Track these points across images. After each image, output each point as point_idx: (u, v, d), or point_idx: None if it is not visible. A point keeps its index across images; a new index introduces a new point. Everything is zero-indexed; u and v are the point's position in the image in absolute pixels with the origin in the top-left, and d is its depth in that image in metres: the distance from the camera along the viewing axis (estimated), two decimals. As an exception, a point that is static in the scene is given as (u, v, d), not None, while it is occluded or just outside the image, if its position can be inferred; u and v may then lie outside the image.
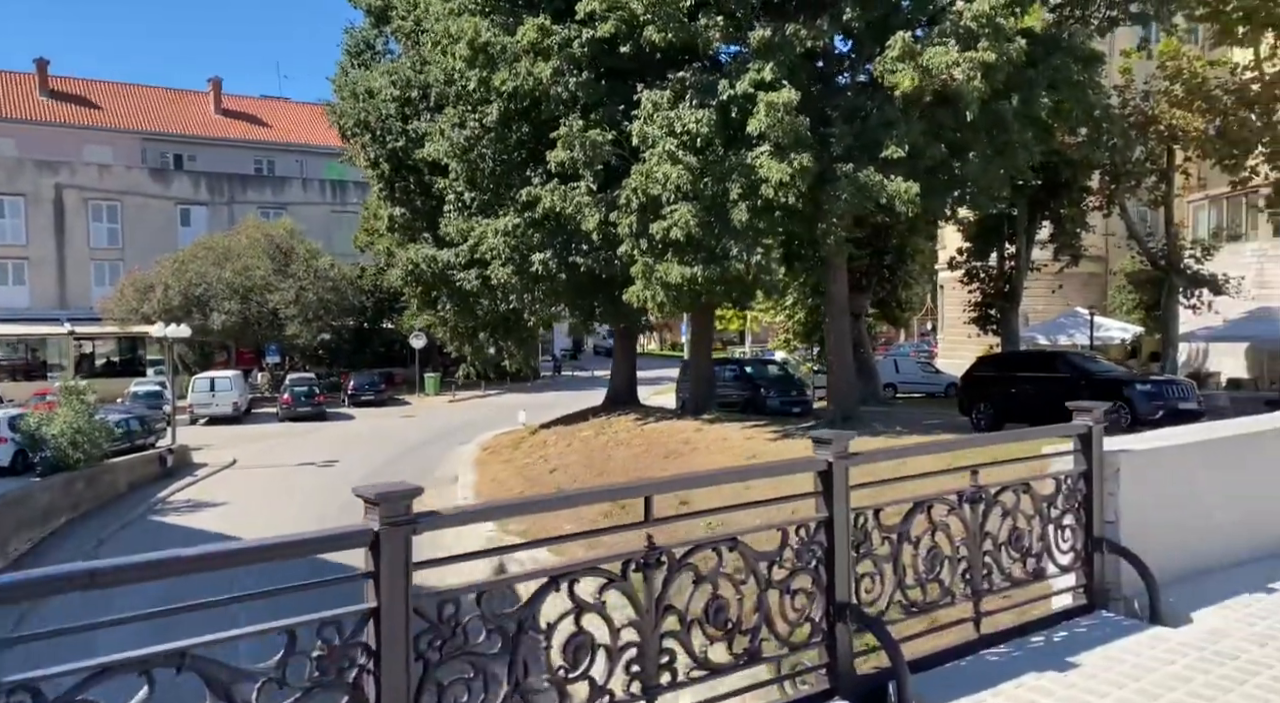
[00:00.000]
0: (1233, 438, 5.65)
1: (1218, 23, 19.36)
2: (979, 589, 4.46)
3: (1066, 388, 18.60)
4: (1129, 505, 4.99)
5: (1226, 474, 5.56)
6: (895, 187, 15.29)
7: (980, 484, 4.49)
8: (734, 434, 18.65)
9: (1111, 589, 4.95)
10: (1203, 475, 5.43)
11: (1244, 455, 5.69)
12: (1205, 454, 5.44)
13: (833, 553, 3.90)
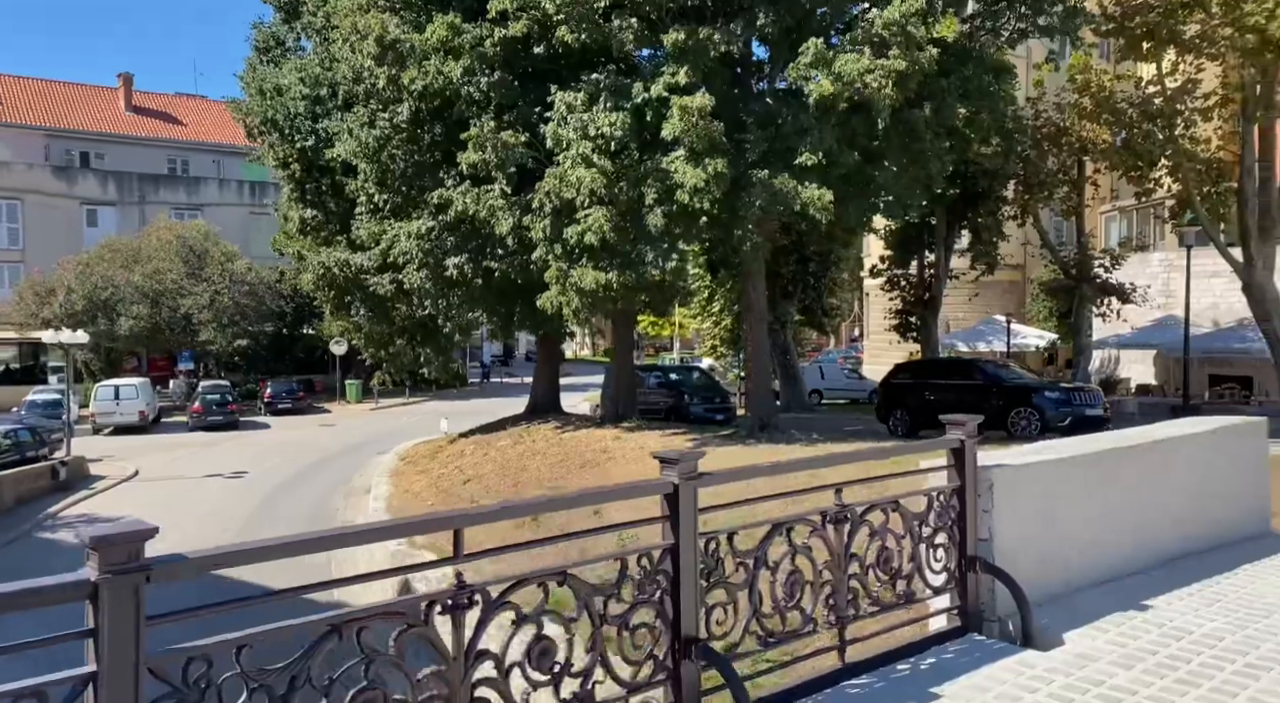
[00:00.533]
0: (1109, 451, 5.53)
1: (1123, 38, 19.86)
2: (844, 616, 4.21)
3: (980, 395, 18.85)
4: (1003, 522, 4.81)
5: (1103, 488, 5.44)
6: (809, 193, 15.22)
7: (845, 503, 4.24)
8: (652, 443, 18.35)
9: (986, 610, 4.75)
10: (1079, 490, 5.29)
11: (1120, 468, 5.58)
12: (1081, 468, 5.31)
13: (678, 583, 3.59)
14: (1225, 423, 6.57)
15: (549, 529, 4.80)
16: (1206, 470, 6.26)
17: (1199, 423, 6.65)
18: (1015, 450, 5.45)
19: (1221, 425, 6.45)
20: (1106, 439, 5.85)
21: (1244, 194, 20.65)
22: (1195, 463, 6.18)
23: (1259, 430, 6.77)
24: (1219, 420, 6.72)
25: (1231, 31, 17.46)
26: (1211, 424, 6.51)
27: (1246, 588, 5.35)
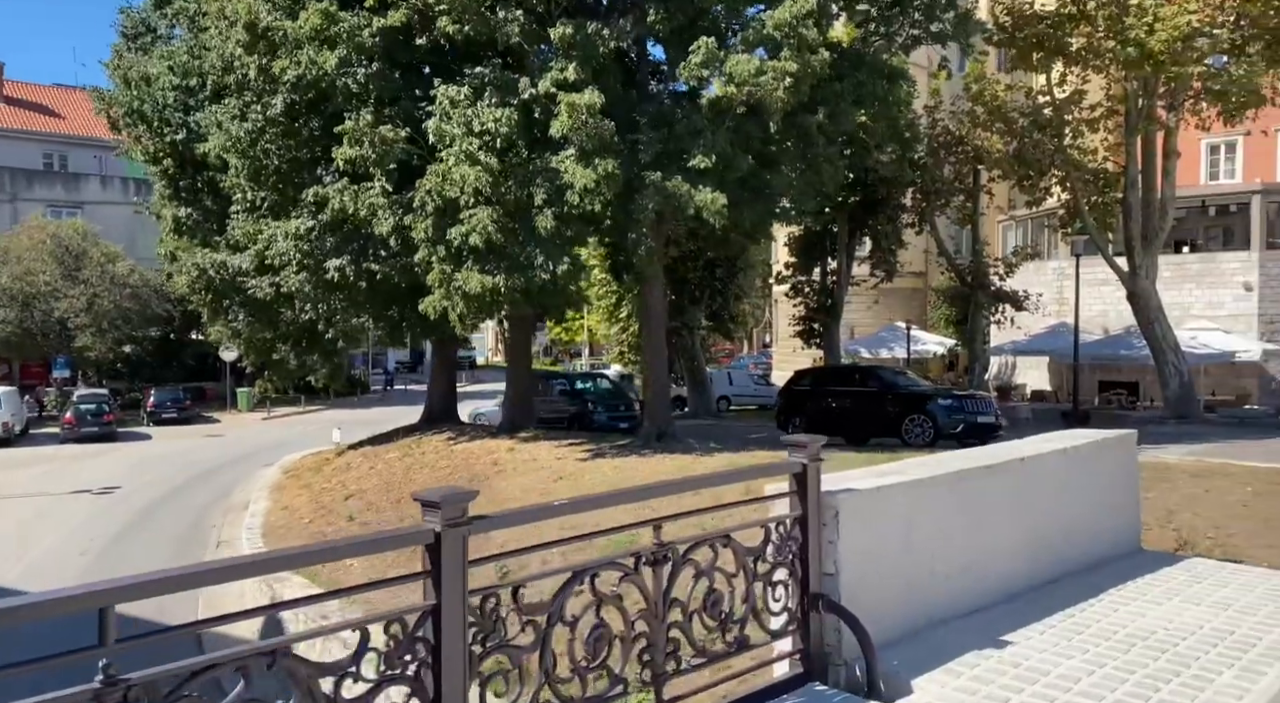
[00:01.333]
0: (971, 470, 5.13)
1: (1014, 48, 20.21)
2: (661, 673, 3.62)
3: (875, 403, 18.83)
4: (852, 554, 4.31)
5: (965, 510, 5.03)
6: (702, 197, 14.79)
7: (664, 542, 3.66)
8: (545, 454, 17.67)
9: (832, 654, 4.25)
10: (939, 513, 4.86)
11: (984, 489, 5.19)
12: (941, 490, 4.88)
13: (440, 653, 2.94)
14: (1094, 437, 6.28)
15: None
16: (1076, 487, 5.95)
17: (1068, 437, 6.35)
18: (867, 472, 4.98)
19: (1090, 440, 6.16)
20: (969, 457, 5.46)
21: (1128, 204, 21.22)
22: (1064, 480, 5.86)
23: (1128, 444, 6.52)
24: (1087, 434, 6.44)
25: (1114, 44, 17.85)
26: (1079, 439, 6.21)
27: (1109, 617, 5.00)
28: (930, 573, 4.82)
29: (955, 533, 4.98)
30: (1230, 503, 8.89)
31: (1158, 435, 18.69)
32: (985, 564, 5.18)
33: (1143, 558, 6.30)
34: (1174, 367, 21.29)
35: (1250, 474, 10.87)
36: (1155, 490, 9.79)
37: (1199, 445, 16.05)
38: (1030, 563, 5.54)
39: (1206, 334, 26.22)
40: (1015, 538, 5.44)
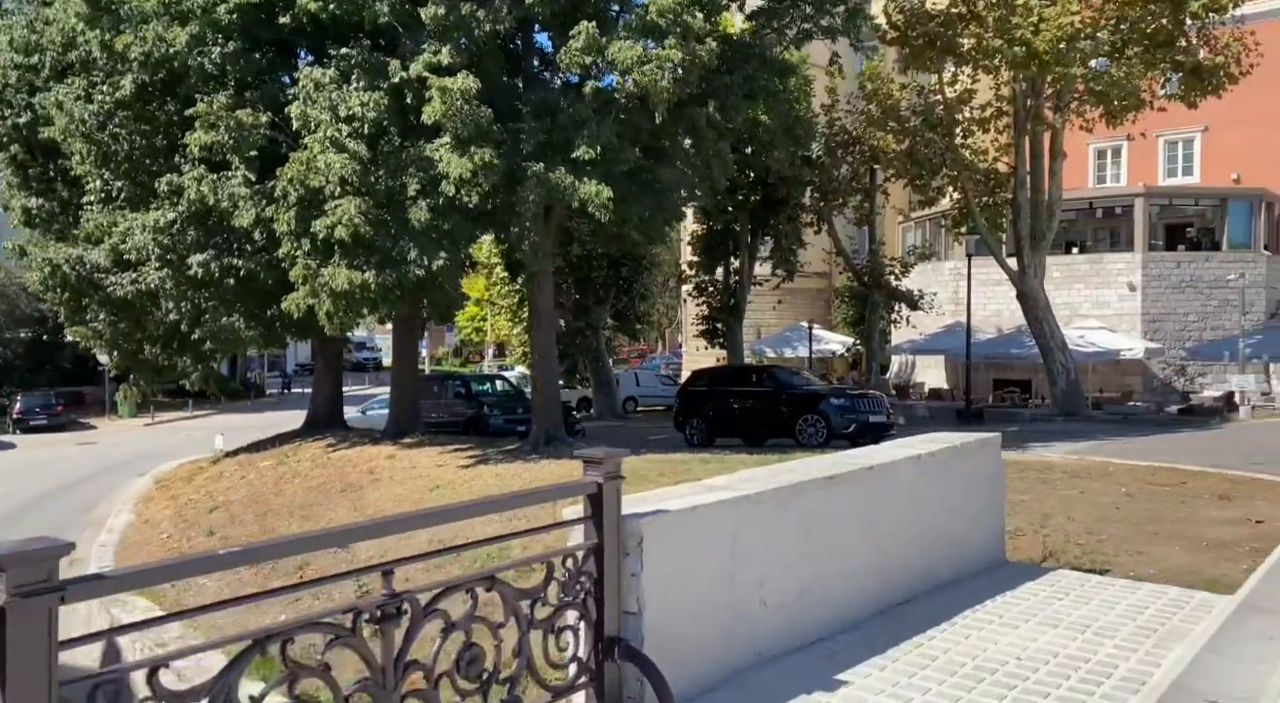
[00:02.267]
0: (812, 482, 4.57)
1: (906, 47, 20.19)
2: (390, 757, 2.90)
3: (771, 403, 18.48)
4: (658, 588, 3.68)
5: (805, 527, 4.47)
6: (587, 189, 14.11)
7: (396, 592, 2.93)
8: (426, 462, 16.72)
9: (634, 709, 3.60)
10: (774, 532, 4.28)
11: (828, 502, 4.64)
12: (774, 506, 4.29)
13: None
14: (955, 441, 5.83)
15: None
16: (932, 497, 5.48)
17: (929, 441, 5.89)
18: (689, 488, 4.36)
19: (948, 446, 5.70)
20: (808, 468, 4.91)
21: (1018, 204, 21.45)
22: (920, 489, 5.38)
23: (991, 448, 6.10)
24: (949, 438, 6.00)
25: (1001, 44, 17.93)
26: (939, 443, 5.75)
27: (960, 645, 4.51)
28: (759, 603, 4.23)
29: (790, 555, 4.41)
30: (1104, 505, 8.68)
31: (1046, 433, 18.93)
32: (826, 589, 4.63)
33: (1006, 572, 5.88)
34: (1061, 365, 21.64)
35: (1127, 474, 10.79)
36: (1033, 493, 9.56)
37: (1083, 443, 16.20)
38: (880, 584, 5.03)
39: (1094, 333, 26.90)
40: (862, 557, 4.91)
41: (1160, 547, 7.07)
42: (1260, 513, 8.12)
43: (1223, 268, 27.41)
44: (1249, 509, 8.30)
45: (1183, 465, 11.74)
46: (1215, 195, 30.29)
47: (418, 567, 4.01)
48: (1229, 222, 29.41)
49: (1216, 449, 13.93)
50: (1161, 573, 6.32)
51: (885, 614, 4.95)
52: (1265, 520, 7.79)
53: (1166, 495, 9.07)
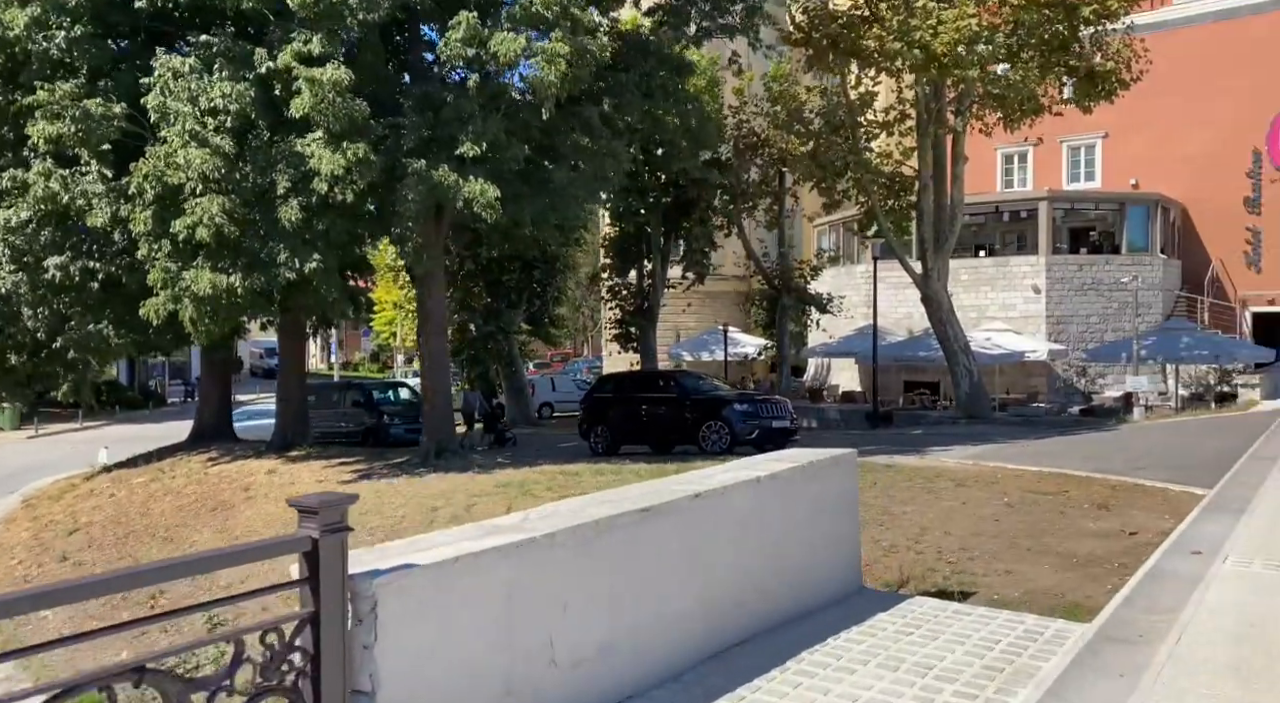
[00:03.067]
0: (616, 518, 4.00)
1: (810, 49, 20.01)
2: None
3: (675, 409, 18.01)
4: (402, 659, 3.07)
5: (605, 573, 3.91)
6: (472, 188, 13.42)
7: None
8: (308, 477, 15.77)
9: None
10: (559, 583, 3.70)
11: (635, 540, 4.08)
12: (562, 551, 3.71)
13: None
14: (802, 460, 5.36)
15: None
16: (776, 523, 5.00)
17: (774, 460, 5.40)
18: (459, 533, 3.74)
19: (796, 465, 5.22)
20: (621, 499, 4.36)
21: (922, 208, 21.47)
22: (760, 516, 4.89)
23: (844, 466, 5.65)
24: (798, 456, 5.52)
25: (901, 45, 17.83)
26: (785, 462, 5.27)
27: (790, 695, 4.02)
28: (549, 663, 3.65)
29: (592, 604, 3.85)
30: (984, 517, 8.39)
31: (948, 436, 18.94)
32: (640, 638, 4.08)
33: (859, 602, 5.43)
34: (965, 367, 21.76)
35: (1014, 481, 10.61)
36: (916, 504, 9.25)
37: (981, 447, 16.16)
38: (709, 628, 4.51)
39: (1000, 335, 27.26)
40: (687, 598, 4.38)
41: (1030, 564, 6.75)
42: (1135, 523, 7.92)
43: (1122, 271, 28.10)
44: (1125, 519, 8.10)
45: (1071, 471, 11.65)
46: (1114, 200, 31.11)
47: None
48: (1127, 226, 30.23)
49: (1106, 453, 13.97)
50: (1025, 596, 5.98)
51: (715, 660, 4.43)
52: (1138, 532, 7.58)
53: (1047, 505, 8.84)
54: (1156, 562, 6.37)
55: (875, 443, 18.93)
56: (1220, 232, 31.73)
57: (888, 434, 21.49)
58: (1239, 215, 31.53)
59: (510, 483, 13.23)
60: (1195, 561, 6.39)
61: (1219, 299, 31.29)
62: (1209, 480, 9.97)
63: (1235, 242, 31.66)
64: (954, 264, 29.83)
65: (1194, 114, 31.54)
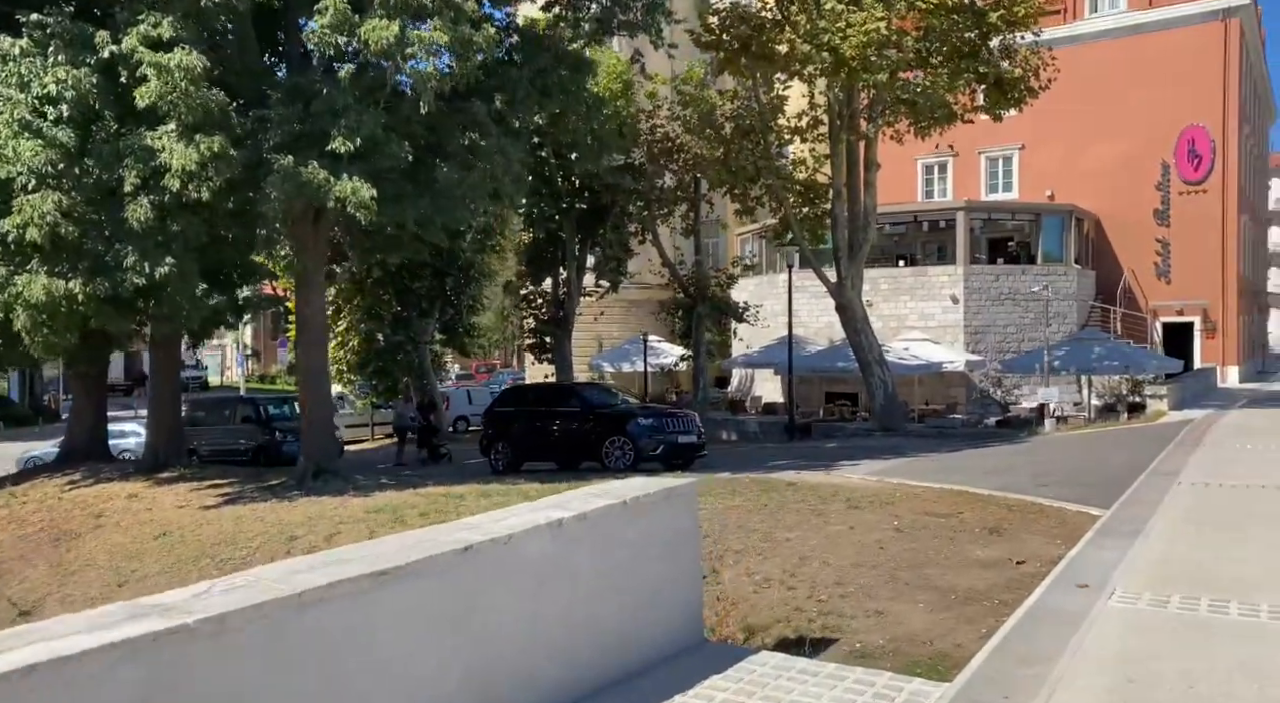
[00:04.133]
0: (300, 597, 3.06)
1: (720, 52, 19.45)
2: None
3: (579, 423, 17.16)
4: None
5: (299, 671, 3.01)
6: (344, 187, 12.36)
7: None
8: (170, 501, 14.43)
9: None
10: (240, 682, 2.79)
11: (357, 618, 3.19)
12: (213, 649, 2.77)
13: None
14: (625, 496, 4.53)
15: None
16: (585, 573, 4.17)
17: (592, 495, 4.56)
18: (74, 621, 2.81)
19: (613, 503, 4.39)
20: (353, 556, 3.46)
21: (836, 216, 21.05)
22: (561, 566, 4.05)
23: (681, 501, 4.85)
24: (624, 490, 4.69)
25: (810, 49, 17.36)
26: (601, 498, 4.43)
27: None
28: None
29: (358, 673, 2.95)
30: (869, 545, 7.71)
31: (860, 449, 18.46)
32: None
33: (692, 662, 4.62)
34: (880, 378, 21.38)
35: (911, 501, 10.00)
36: (801, 529, 8.54)
37: (891, 461, 15.66)
38: (516, 695, 3.65)
39: (918, 345, 27.09)
40: (445, 682, 3.50)
41: (906, 602, 6.05)
42: (1024, 550, 7.32)
43: (1037, 281, 28.21)
44: (1015, 546, 7.50)
45: (972, 488, 11.12)
46: (1030, 211, 31.38)
47: None
48: (1043, 237, 30.47)
49: (1013, 466, 13.55)
50: (890, 644, 5.26)
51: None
52: (1026, 560, 6.97)
53: (937, 529, 8.22)
54: (1038, 599, 5.73)
55: (787, 456, 18.35)
56: (1132, 243, 32.28)
57: (802, 447, 20.95)
58: (1149, 227, 32.13)
59: (384, 508, 12.18)
60: (1080, 596, 5.77)
61: (1131, 310, 31.78)
62: (1108, 498, 9.51)
63: (1146, 253, 32.25)
64: (874, 274, 29.71)
65: (1106, 127, 32.07)
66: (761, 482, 12.91)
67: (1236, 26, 30.44)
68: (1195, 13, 30.87)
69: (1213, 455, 12.95)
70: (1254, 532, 7.57)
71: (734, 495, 11.04)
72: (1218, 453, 13.27)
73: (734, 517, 9.27)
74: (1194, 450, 13.67)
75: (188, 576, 10.70)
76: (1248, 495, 9.46)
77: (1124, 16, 32.18)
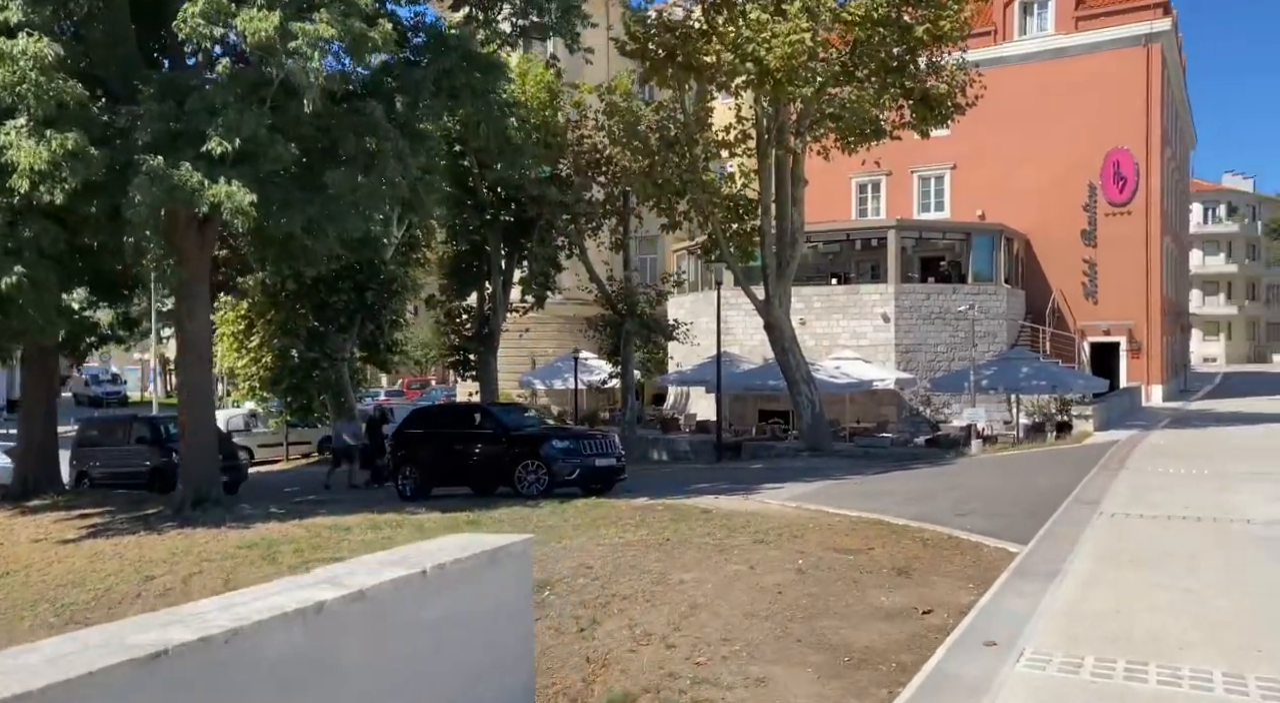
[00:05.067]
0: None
1: (645, 60, 18.82)
2: None
3: (491, 446, 16.22)
4: None
5: None
6: (220, 190, 11.34)
7: None
8: (26, 533, 13.11)
9: None
10: None
11: None
12: None
13: None
14: (423, 564, 3.66)
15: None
16: (360, 671, 3.30)
17: (379, 566, 3.69)
18: None
19: (404, 576, 3.52)
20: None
21: (764, 232, 20.54)
22: (326, 664, 3.17)
23: (508, 565, 4.01)
24: (417, 558, 3.81)
25: (734, 58, 16.83)
26: (390, 570, 3.56)
27: None
28: None
29: None
30: (765, 589, 6.98)
31: (785, 472, 17.87)
32: None
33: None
34: (807, 397, 20.87)
35: (822, 533, 9.33)
36: (698, 570, 7.78)
37: (815, 484, 15.06)
38: None
39: (849, 363, 26.72)
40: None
41: (793, 666, 5.31)
42: (933, 597, 6.66)
43: (967, 300, 28.14)
44: (923, 591, 6.84)
45: (890, 517, 10.52)
46: (961, 230, 31.41)
47: None
48: (973, 256, 30.49)
49: (934, 493, 13.03)
50: (764, 727, 4.50)
51: None
52: (933, 609, 6.30)
53: (843, 570, 7.52)
54: (939, 663, 5.02)
55: (711, 479, 17.67)
56: (1061, 263, 32.56)
57: (729, 468, 20.31)
58: (1077, 247, 32.44)
59: (258, 543, 11.09)
60: (986, 657, 5.08)
61: (1060, 329, 31.97)
62: (1028, 531, 8.96)
63: (1074, 273, 32.54)
64: (807, 292, 29.37)
65: (1034, 148, 32.35)
66: (675, 509, 12.19)
67: (1158, 52, 31.00)
68: (1119, 37, 31.37)
69: (1134, 482, 12.59)
70: (1173, 573, 7.03)
71: (639, 528, 10.27)
72: (1139, 479, 12.92)
73: (630, 555, 8.48)
74: (1117, 475, 13.32)
75: (17, 625, 9.51)
76: (1167, 530, 9.00)
77: (1050, 40, 32.57)
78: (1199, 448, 17.18)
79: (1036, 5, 32.86)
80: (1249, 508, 10.00)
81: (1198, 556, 7.68)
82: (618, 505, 12.86)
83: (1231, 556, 7.77)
